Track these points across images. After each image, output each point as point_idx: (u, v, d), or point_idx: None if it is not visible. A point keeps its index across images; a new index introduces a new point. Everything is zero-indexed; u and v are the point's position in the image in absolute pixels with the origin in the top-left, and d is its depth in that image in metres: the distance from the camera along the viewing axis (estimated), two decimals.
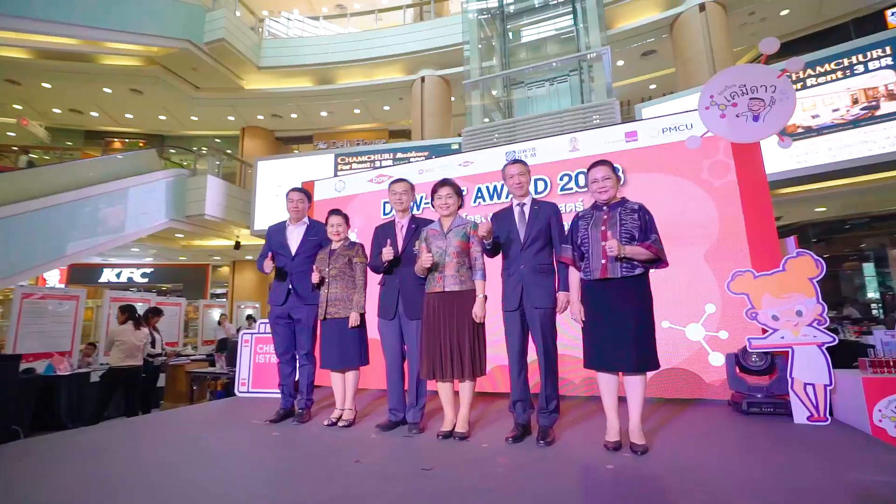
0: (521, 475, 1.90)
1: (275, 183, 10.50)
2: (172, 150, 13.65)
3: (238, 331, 5.82)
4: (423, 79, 12.34)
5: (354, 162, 10.54)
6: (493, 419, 2.93)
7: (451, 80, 12.48)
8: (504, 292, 2.58)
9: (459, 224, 2.68)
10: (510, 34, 9.78)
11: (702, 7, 9.50)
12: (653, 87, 12.95)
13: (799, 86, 7.01)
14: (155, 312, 5.09)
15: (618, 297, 2.27)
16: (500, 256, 2.65)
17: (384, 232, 2.95)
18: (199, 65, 11.11)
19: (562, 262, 2.51)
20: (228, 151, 12.81)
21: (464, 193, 2.96)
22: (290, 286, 3.10)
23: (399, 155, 10.59)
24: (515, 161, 2.70)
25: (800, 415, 2.58)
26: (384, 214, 4.64)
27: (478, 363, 2.53)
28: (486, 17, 9.54)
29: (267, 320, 4.21)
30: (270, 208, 10.33)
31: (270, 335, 4.07)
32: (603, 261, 2.30)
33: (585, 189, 3.85)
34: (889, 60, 6.71)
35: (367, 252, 3.03)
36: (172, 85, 11.70)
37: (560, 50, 9.39)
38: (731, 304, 3.26)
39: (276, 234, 3.23)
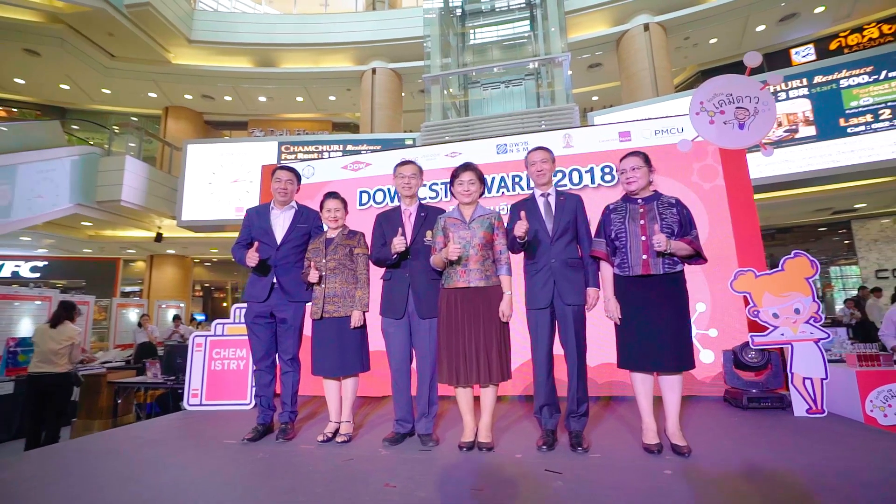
0: (590, 489, 1.71)
1: (207, 169, 9.48)
2: (75, 126, 11.80)
3: (185, 334, 5.06)
4: (374, 70, 11.87)
5: (300, 152, 9.84)
6: (497, 425, 2.70)
7: (403, 75, 12.16)
8: (530, 289, 2.39)
9: (483, 214, 2.45)
10: (469, 34, 9.74)
11: (646, 27, 10.13)
12: (595, 98, 13.63)
13: None
14: (71, 308, 4.22)
15: (658, 295, 2.18)
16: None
17: (389, 220, 2.63)
18: (116, 30, 9.69)
19: (592, 257, 2.38)
20: (150, 133, 11.31)
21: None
22: (275, 280, 2.65)
23: (349, 147, 10.06)
24: (539, 148, 2.53)
25: (799, 408, 2.69)
26: (360, 205, 4.25)
27: (506, 366, 2.31)
28: (445, 15, 9.38)
29: (228, 320, 3.65)
30: (202, 197, 9.29)
31: (230, 338, 3.55)
32: (644, 256, 2.20)
33: (579, 186, 3.81)
34: (805, 91, 7.58)
35: (368, 242, 2.69)
36: (80, 50, 10.10)
37: (517, 54, 9.52)
38: (721, 303, 3.38)
39: (257, 219, 2.75)
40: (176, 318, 8.25)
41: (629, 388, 3.46)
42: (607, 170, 3.77)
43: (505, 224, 2.49)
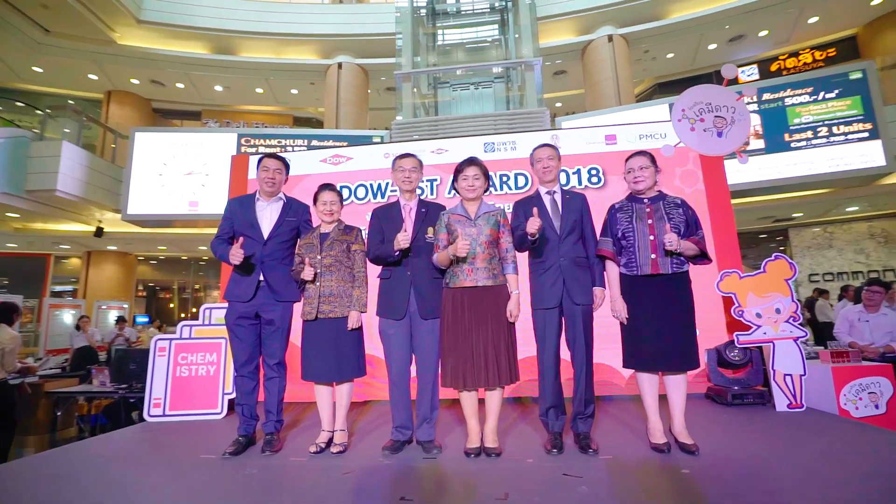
0: (615, 491, 1.67)
1: (158, 160, 8.79)
2: None
3: (130, 337, 4.61)
4: (340, 65, 11.54)
5: (262, 145, 9.35)
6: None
7: (371, 71, 11.91)
8: (538, 288, 2.33)
9: (488, 210, 2.37)
10: (439, 34, 9.71)
11: (610, 38, 10.51)
12: (559, 104, 13.99)
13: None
14: (10, 310, 3.70)
15: (666, 294, 2.20)
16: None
17: (388, 215, 2.49)
18: (51, 1, 8.77)
19: (598, 256, 2.36)
20: (92, 118, 10.32)
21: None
22: (262, 278, 2.43)
23: (315, 143, 9.67)
24: (545, 144, 2.49)
25: (781, 403, 2.82)
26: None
27: (514, 367, 2.24)
28: (416, 13, 9.29)
29: (196, 321, 3.35)
30: (151, 190, 8.60)
31: (198, 341, 3.26)
32: (653, 255, 2.21)
33: (567, 186, 3.83)
34: (755, 106, 8.13)
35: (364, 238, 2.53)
36: (7, 21, 9.07)
37: (487, 56, 9.59)
38: (701, 304, 3.48)
39: (241, 211, 2.51)
40: (120, 319, 7.56)
41: (616, 388, 3.53)
42: (594, 171, 3.81)
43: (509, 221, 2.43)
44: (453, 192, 2.58)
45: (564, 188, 2.51)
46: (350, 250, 2.43)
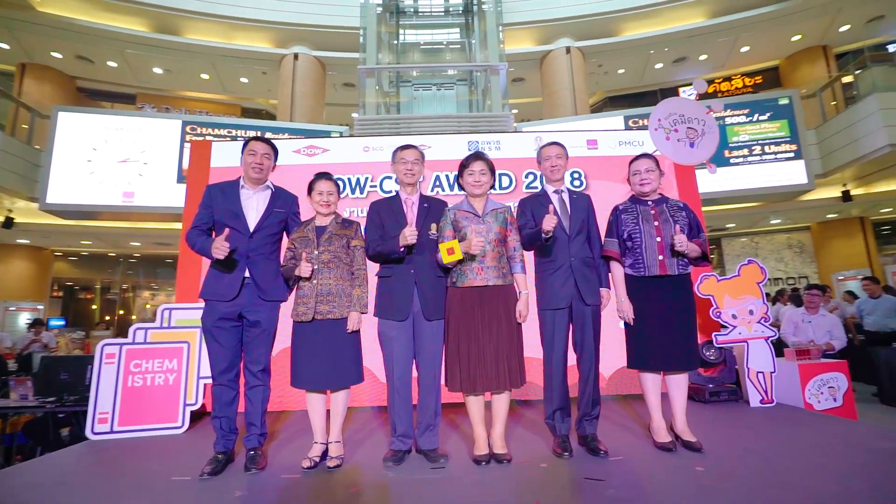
0: (642, 492, 1.64)
1: (86, 144, 7.89)
2: None
3: (49, 343, 4.03)
4: (296, 55, 11.02)
5: (209, 135, 8.68)
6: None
7: (328, 65, 11.49)
8: (546, 288, 2.28)
9: (495, 207, 2.29)
10: (402, 33, 9.59)
11: (568, 50, 10.90)
12: (515, 111, 14.28)
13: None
14: None
15: (672, 295, 2.23)
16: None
17: (389, 209, 2.34)
18: None
19: (604, 257, 2.36)
20: (5, 93, 9.03)
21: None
22: (248, 274, 2.18)
23: (268, 135, 9.12)
24: (554, 142, 2.47)
25: (754, 399, 2.98)
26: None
27: (523, 370, 2.17)
28: (381, 10, 9.09)
29: (152, 324, 2.98)
30: (77, 177, 7.69)
31: (155, 346, 2.91)
32: (660, 257, 2.23)
33: None
34: None
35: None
36: None
37: (450, 59, 9.61)
38: None
39: (223, 199, 2.23)
40: (36, 322, 6.63)
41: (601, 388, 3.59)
42: (576, 175, 3.87)
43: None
44: (455, 188, 2.48)
45: (570, 188, 2.49)
46: (350, 246, 2.24)
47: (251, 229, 2.22)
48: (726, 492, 1.64)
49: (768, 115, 8.46)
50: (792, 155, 8.29)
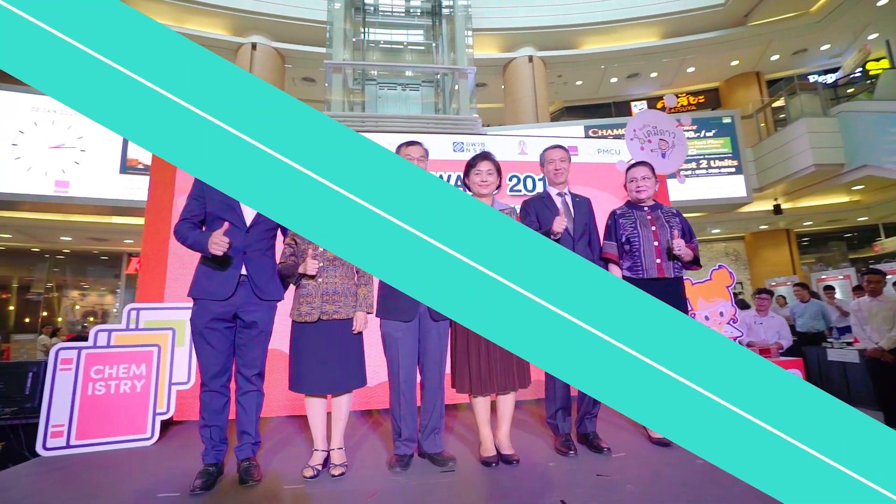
0: (658, 487, 1.70)
1: (11, 126, 7.09)
2: None
3: None
4: (254, 45, 10.53)
5: None
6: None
7: (288, 57, 11.07)
8: None
9: (501, 208, 2.30)
10: (369, 31, 9.46)
11: (530, 58, 11.22)
12: (475, 116, 14.46)
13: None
14: None
15: (668, 296, 2.33)
16: None
17: None
18: None
19: (603, 259, 2.44)
20: None
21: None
22: (244, 272, 2.03)
23: None
24: (557, 146, 2.51)
25: None
26: None
27: (528, 370, 2.18)
28: (339, 6, 8.92)
29: (117, 325, 2.71)
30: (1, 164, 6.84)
31: (119, 350, 2.65)
32: (658, 260, 2.34)
33: (533, 192, 3.93)
34: None
35: None
36: None
37: (416, 59, 9.59)
38: None
39: (217, 190, 2.06)
40: None
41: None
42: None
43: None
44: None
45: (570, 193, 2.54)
46: None
47: (248, 223, 2.07)
48: (737, 481, 1.73)
49: (713, 132, 9.16)
50: (733, 170, 9.03)
